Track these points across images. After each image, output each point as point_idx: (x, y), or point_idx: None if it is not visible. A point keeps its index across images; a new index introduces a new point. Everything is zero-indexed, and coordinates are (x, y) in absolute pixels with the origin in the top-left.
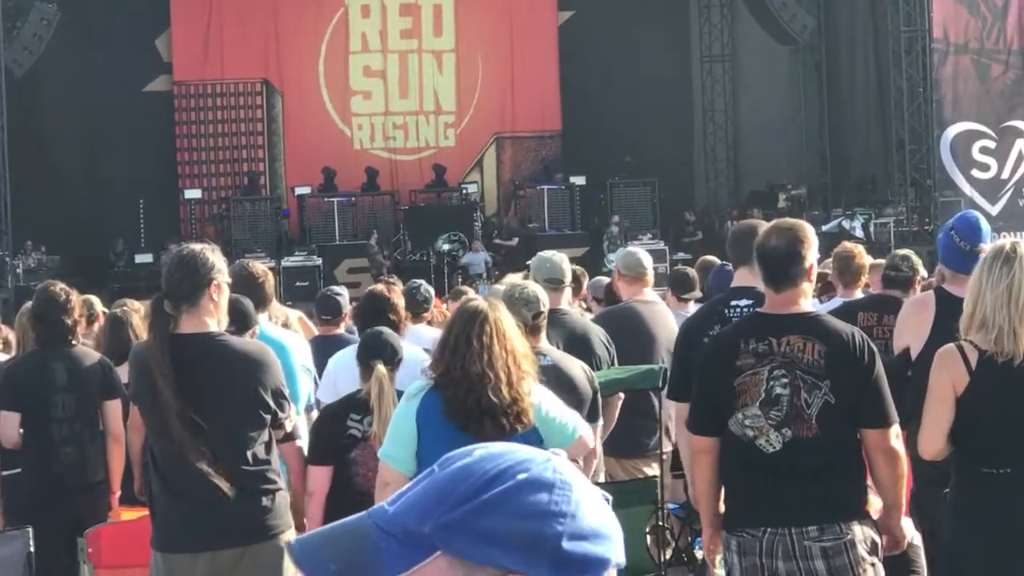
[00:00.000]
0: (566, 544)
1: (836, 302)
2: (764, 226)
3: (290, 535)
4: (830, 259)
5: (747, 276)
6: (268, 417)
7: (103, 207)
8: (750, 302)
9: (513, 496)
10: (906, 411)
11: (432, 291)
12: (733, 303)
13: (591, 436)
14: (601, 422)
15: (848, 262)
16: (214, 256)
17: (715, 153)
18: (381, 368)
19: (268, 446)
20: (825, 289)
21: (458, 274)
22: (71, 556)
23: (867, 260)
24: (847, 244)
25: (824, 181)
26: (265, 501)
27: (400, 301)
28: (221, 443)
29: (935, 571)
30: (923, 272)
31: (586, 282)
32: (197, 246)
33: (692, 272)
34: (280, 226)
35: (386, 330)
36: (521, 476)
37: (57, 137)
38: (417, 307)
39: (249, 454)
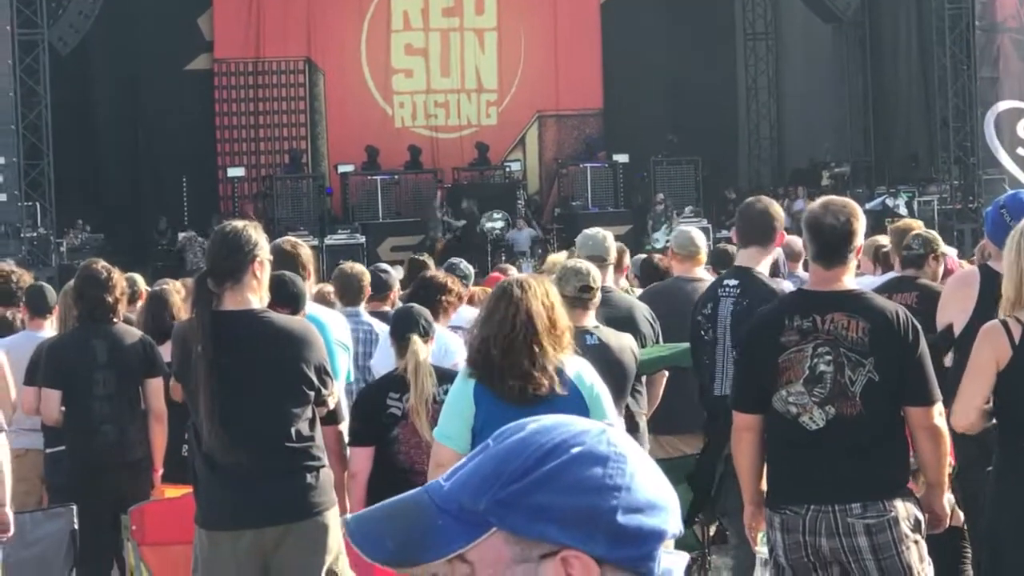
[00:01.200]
0: (621, 518)
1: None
2: (775, 205)
3: (334, 512)
4: (884, 234)
5: (755, 256)
6: (312, 394)
7: (146, 185)
8: (736, 283)
9: (567, 470)
10: (948, 388)
11: (472, 269)
12: (726, 282)
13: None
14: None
15: (905, 236)
16: (256, 233)
17: (758, 131)
18: (416, 340)
19: (312, 423)
20: (883, 262)
21: (502, 252)
22: (114, 533)
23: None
24: (907, 219)
25: (868, 159)
26: (309, 478)
27: (456, 285)
28: (265, 420)
29: (977, 549)
30: (944, 248)
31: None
32: (240, 223)
33: (733, 249)
34: (323, 204)
35: (416, 305)
36: (575, 450)
37: (101, 115)
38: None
39: (293, 431)
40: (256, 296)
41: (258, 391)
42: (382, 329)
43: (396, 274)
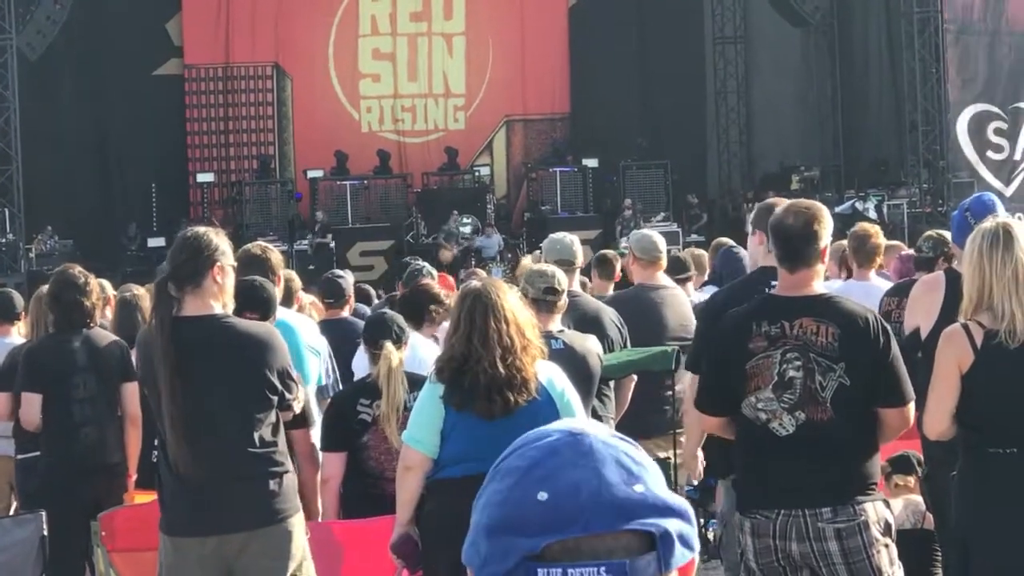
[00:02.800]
0: (479, 534)
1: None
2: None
3: (298, 519)
4: (845, 239)
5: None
6: (275, 399)
7: (115, 191)
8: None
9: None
10: (917, 391)
11: (434, 270)
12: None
13: None
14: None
15: (863, 241)
16: (218, 238)
17: (728, 135)
18: (390, 346)
19: (275, 428)
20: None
21: (471, 257)
22: (85, 539)
23: (883, 240)
24: (864, 224)
25: (837, 163)
26: (272, 485)
27: (448, 297)
28: (227, 425)
29: (947, 552)
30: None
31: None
32: (201, 228)
33: (685, 256)
34: (292, 209)
35: (388, 311)
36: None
37: (69, 121)
38: None
39: (256, 436)
40: (218, 302)
41: (219, 396)
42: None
43: (352, 279)
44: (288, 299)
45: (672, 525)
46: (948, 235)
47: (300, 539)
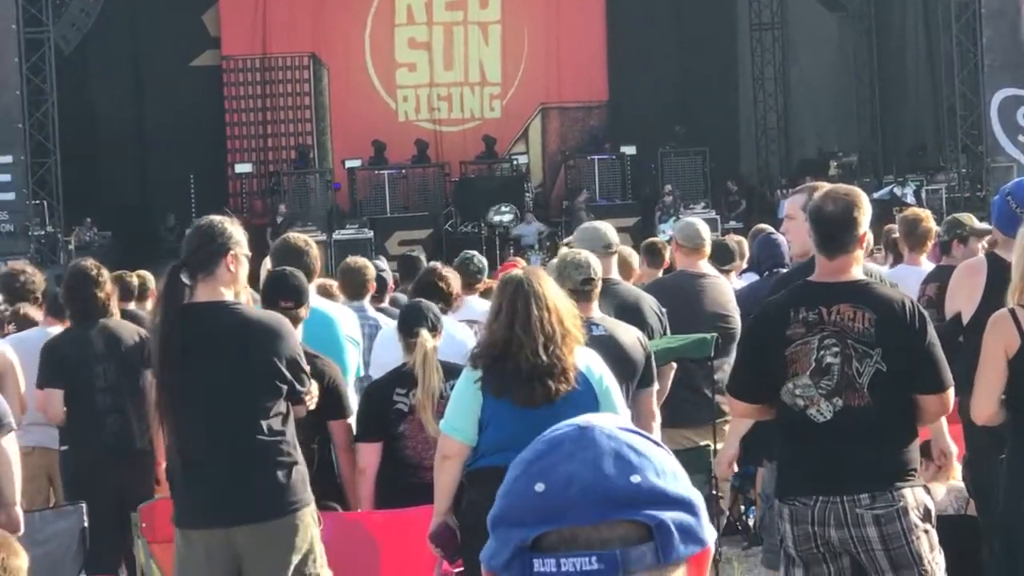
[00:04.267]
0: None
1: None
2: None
3: (307, 511)
4: (894, 224)
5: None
6: (284, 388)
7: (153, 183)
8: None
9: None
10: (958, 377)
11: (485, 262)
12: None
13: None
14: (656, 387)
15: (915, 226)
16: (232, 227)
17: (765, 121)
18: (425, 334)
19: (284, 419)
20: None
21: (510, 246)
22: (120, 529)
23: (934, 225)
24: (914, 209)
25: (875, 148)
26: (280, 476)
27: (454, 283)
28: (234, 415)
29: (989, 538)
30: (974, 228)
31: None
32: (216, 217)
33: (733, 244)
34: (330, 199)
35: (424, 300)
36: None
37: (107, 113)
38: (470, 278)
39: (264, 424)
40: (230, 290)
41: (227, 384)
42: (387, 324)
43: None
44: (363, 288)
45: (671, 516)
46: (964, 217)
47: (308, 532)
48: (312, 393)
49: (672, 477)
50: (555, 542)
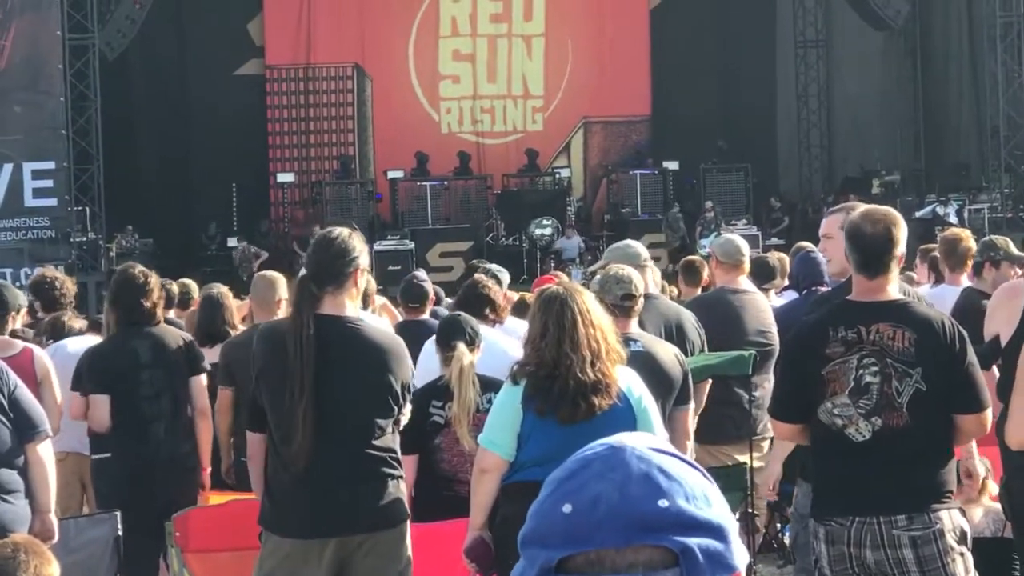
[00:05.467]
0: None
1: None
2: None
3: (408, 523)
4: (929, 243)
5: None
6: (395, 409)
7: (195, 190)
8: None
9: None
10: (997, 398)
11: (506, 273)
12: None
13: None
14: (692, 405)
15: (954, 246)
16: (360, 242)
17: (808, 139)
18: (462, 348)
19: (393, 435)
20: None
21: (551, 259)
22: (159, 538)
23: (973, 245)
24: (954, 229)
25: (918, 167)
26: (391, 487)
27: (498, 297)
28: (354, 426)
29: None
30: (1011, 253)
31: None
32: (344, 231)
33: (774, 262)
34: (371, 209)
35: (463, 313)
36: None
37: (150, 120)
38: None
39: (379, 439)
40: (353, 303)
41: (348, 398)
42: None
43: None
44: (363, 301)
45: (697, 542)
46: (1000, 241)
47: (409, 543)
48: (406, 413)
49: (704, 501)
50: (580, 564)
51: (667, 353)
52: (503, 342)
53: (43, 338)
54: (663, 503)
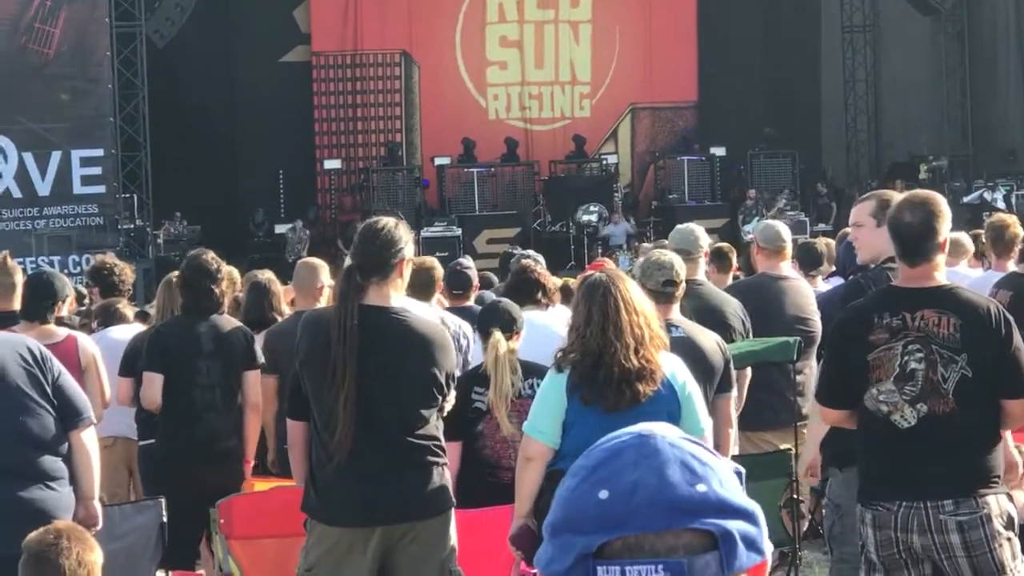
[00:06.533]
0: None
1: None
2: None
3: (453, 511)
4: (978, 229)
5: None
6: (440, 399)
7: (242, 177)
8: None
9: None
10: None
11: (542, 260)
12: None
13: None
14: (734, 392)
15: (1001, 232)
16: (405, 232)
17: (856, 124)
18: (497, 334)
19: (437, 425)
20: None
21: (598, 245)
22: (202, 526)
23: (1020, 231)
24: (1000, 214)
25: (966, 152)
26: (435, 475)
27: (548, 280)
28: (398, 417)
29: None
30: None
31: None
32: (392, 220)
33: (821, 247)
34: (418, 196)
35: (504, 300)
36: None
37: (197, 107)
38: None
39: (418, 429)
40: (397, 293)
41: (394, 388)
42: (455, 323)
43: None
44: (430, 287)
45: (736, 526)
46: None
47: (454, 530)
48: (451, 401)
49: (734, 488)
50: (619, 549)
51: (708, 340)
52: (556, 326)
53: (94, 322)
54: (701, 487)
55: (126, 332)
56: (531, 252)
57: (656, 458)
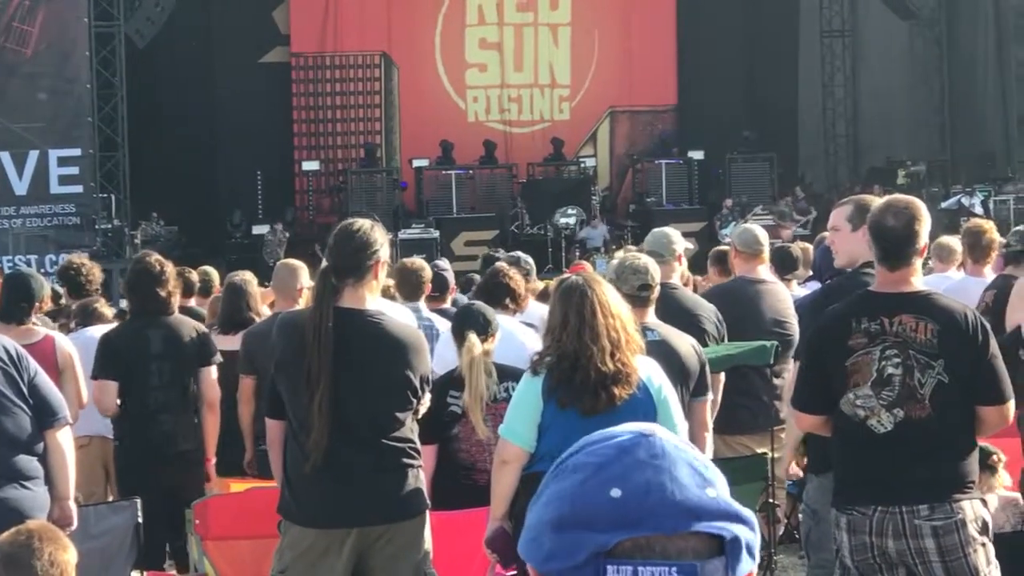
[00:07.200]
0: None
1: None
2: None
3: (427, 514)
4: (958, 235)
5: None
6: (415, 401)
7: (220, 178)
8: None
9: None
10: (1017, 389)
11: (532, 262)
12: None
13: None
14: (711, 396)
15: (978, 237)
16: (381, 234)
17: (834, 129)
18: (472, 337)
19: (411, 427)
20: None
21: (576, 248)
22: (169, 526)
23: (997, 236)
24: (977, 220)
25: (944, 157)
26: (410, 478)
27: (519, 286)
28: (373, 419)
29: None
30: None
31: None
32: (367, 223)
33: (797, 252)
34: (396, 198)
35: (477, 303)
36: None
37: (176, 108)
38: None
39: (393, 432)
40: (372, 295)
41: (368, 390)
42: (443, 325)
43: (452, 271)
44: (419, 289)
45: (740, 532)
46: None
47: (427, 533)
48: (425, 404)
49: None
50: (629, 549)
51: (684, 343)
52: (520, 333)
53: (72, 323)
54: (711, 492)
55: (101, 332)
56: (519, 254)
57: (665, 459)
